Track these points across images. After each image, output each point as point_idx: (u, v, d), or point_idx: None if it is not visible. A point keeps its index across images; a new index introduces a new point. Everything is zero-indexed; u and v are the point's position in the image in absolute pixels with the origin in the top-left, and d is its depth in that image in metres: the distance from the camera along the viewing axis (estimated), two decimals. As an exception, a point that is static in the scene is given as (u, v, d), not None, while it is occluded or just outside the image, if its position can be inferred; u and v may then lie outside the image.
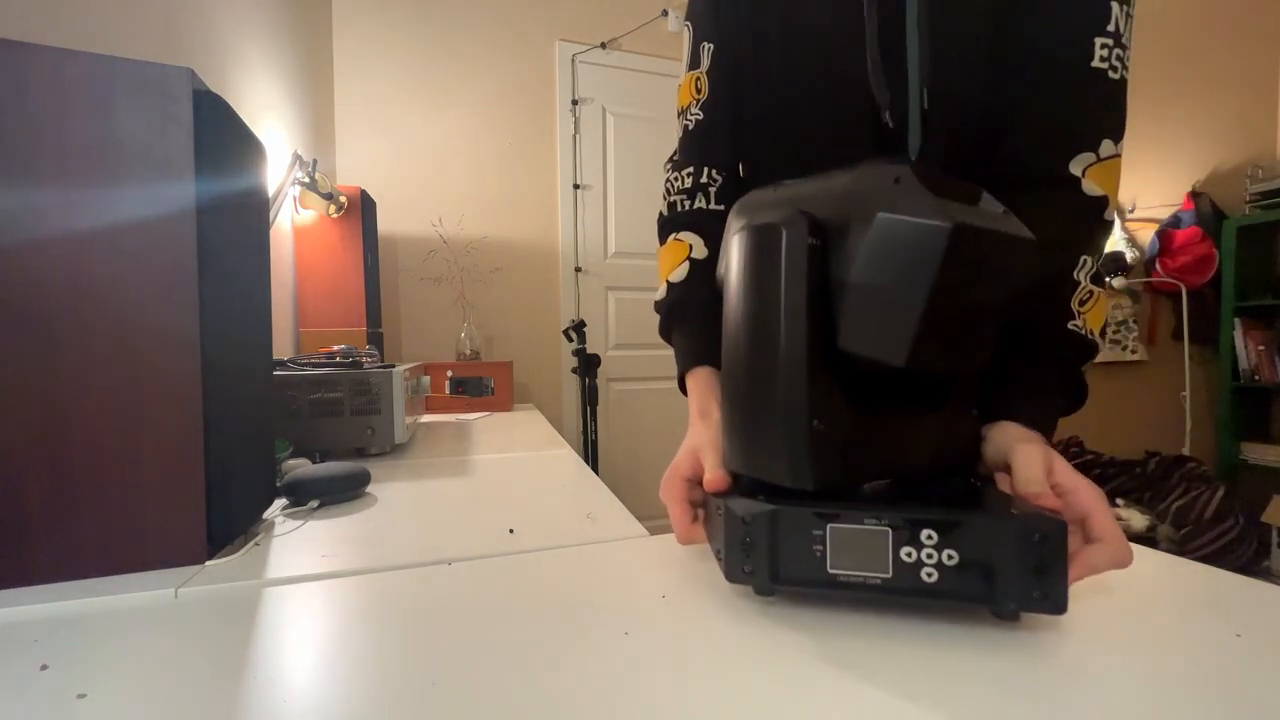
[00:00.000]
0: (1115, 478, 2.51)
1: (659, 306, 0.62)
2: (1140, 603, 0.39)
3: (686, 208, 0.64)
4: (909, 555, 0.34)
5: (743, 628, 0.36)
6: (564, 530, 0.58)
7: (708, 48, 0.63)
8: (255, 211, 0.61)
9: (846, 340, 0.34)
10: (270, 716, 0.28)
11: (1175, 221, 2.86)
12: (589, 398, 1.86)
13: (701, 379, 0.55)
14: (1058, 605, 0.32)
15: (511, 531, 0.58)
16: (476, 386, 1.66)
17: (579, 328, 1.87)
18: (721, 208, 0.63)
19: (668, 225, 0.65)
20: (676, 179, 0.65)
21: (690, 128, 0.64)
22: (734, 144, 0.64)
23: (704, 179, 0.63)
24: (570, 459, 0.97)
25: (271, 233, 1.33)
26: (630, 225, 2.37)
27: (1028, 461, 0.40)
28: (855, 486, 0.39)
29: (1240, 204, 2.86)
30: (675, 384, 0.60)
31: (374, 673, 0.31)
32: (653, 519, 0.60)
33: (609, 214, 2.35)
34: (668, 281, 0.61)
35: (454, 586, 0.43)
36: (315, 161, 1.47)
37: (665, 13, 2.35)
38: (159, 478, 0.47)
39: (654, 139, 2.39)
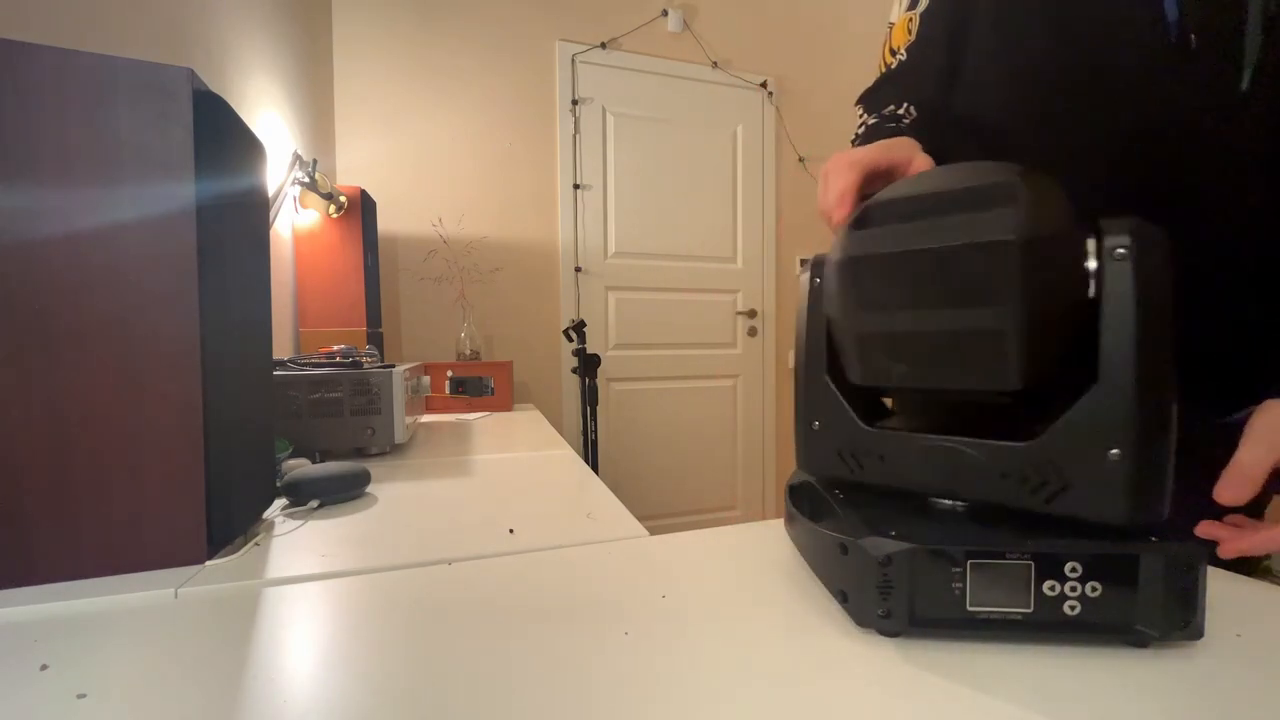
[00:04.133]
0: (1115, 478, 2.50)
1: (857, 139, 0.63)
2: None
3: (877, 124, 0.64)
4: (1052, 589, 0.32)
5: (744, 627, 0.36)
6: (564, 530, 0.58)
7: None
8: (255, 211, 0.61)
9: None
10: (270, 716, 0.28)
11: (1175, 221, 2.85)
12: (589, 398, 1.86)
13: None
14: (1198, 631, 0.31)
15: (511, 531, 0.58)
16: (476, 386, 1.66)
17: (579, 328, 1.87)
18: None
19: (866, 137, 0.64)
20: (869, 116, 0.65)
21: (893, 68, 0.64)
22: (941, 85, 0.62)
23: (900, 110, 0.63)
24: (570, 459, 0.97)
25: (271, 233, 1.33)
26: (630, 225, 2.37)
27: (1251, 437, 0.39)
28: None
29: (1240, 204, 2.85)
30: (675, 384, 0.60)
31: (374, 673, 0.31)
32: (653, 519, 0.60)
33: (609, 214, 2.35)
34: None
35: (454, 586, 0.43)
36: (315, 161, 1.47)
37: (665, 13, 2.36)
38: (159, 478, 0.47)
39: (654, 139, 2.40)
